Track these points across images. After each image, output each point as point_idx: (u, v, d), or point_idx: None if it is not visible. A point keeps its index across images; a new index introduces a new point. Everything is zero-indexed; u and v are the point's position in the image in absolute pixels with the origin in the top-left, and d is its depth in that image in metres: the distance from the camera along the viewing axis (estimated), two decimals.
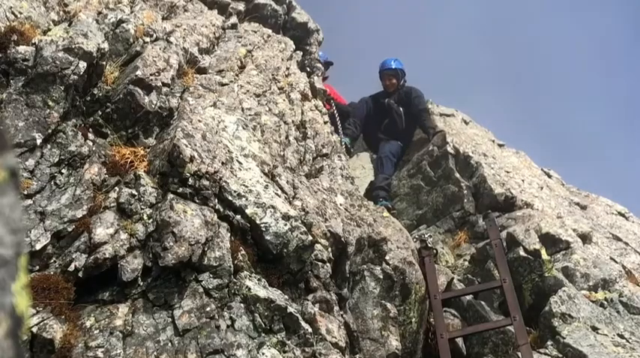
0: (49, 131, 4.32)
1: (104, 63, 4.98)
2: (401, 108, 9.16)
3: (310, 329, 4.24)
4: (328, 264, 4.74)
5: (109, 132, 4.82)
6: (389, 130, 9.08)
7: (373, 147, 9.34)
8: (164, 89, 5.17)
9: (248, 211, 4.48)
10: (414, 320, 5.49)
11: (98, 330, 3.72)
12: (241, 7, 8.56)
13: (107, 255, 3.94)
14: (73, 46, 4.61)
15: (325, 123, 6.85)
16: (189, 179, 4.37)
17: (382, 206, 6.96)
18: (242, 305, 4.06)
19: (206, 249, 4.12)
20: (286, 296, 4.31)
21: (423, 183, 8.48)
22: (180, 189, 4.34)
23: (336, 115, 8.98)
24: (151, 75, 5.07)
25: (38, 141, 4.23)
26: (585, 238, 7.24)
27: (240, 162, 4.90)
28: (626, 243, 8.00)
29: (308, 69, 8.79)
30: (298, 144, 6.05)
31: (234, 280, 4.16)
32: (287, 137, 5.94)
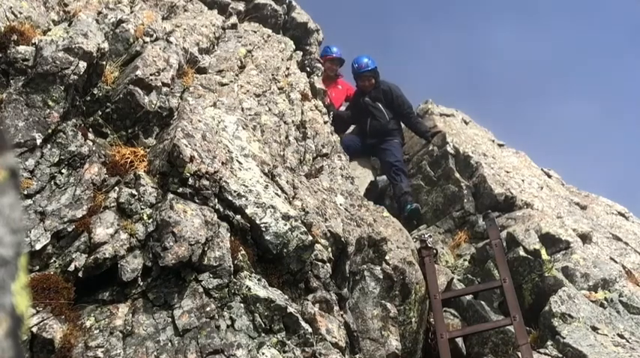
0: (49, 131, 4.32)
1: (104, 63, 4.98)
2: (379, 104, 8.85)
3: (310, 329, 4.24)
4: (328, 264, 4.74)
5: (109, 132, 4.82)
6: (376, 131, 8.71)
7: (366, 152, 8.90)
8: (164, 89, 5.17)
9: (248, 211, 4.48)
10: (414, 320, 5.49)
11: (98, 330, 3.72)
12: (241, 7, 8.57)
13: (107, 255, 3.94)
14: (73, 46, 4.60)
15: (325, 123, 6.85)
16: (189, 179, 4.37)
17: (413, 208, 7.57)
18: (242, 305, 4.06)
19: (206, 249, 4.12)
20: (286, 296, 4.31)
21: (423, 183, 8.49)
22: (180, 189, 4.34)
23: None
24: (150, 75, 5.07)
25: (38, 141, 4.23)
26: (585, 238, 7.24)
27: (240, 162, 4.90)
28: (626, 243, 8.00)
29: (308, 69, 8.81)
30: (298, 144, 6.05)
31: (234, 280, 4.16)
32: (287, 137, 5.94)
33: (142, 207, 4.25)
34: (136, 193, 4.30)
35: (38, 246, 3.88)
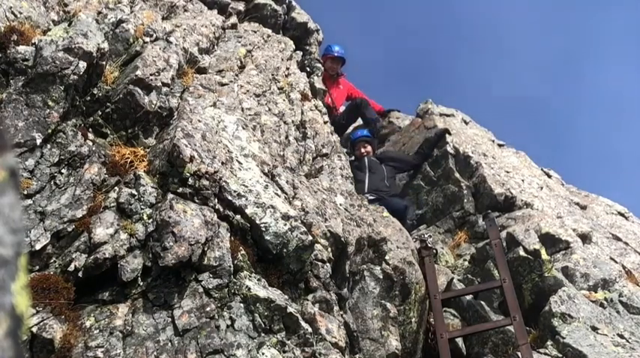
0: (49, 131, 4.32)
1: (104, 63, 4.98)
2: (383, 166, 8.11)
3: (310, 329, 4.24)
4: (328, 264, 4.74)
5: (109, 132, 4.82)
6: (375, 187, 7.72)
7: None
8: (164, 89, 5.17)
9: (248, 211, 4.48)
10: (413, 320, 5.49)
11: (98, 330, 3.72)
12: (241, 7, 8.57)
13: (107, 255, 3.94)
14: (73, 46, 4.60)
15: (325, 123, 6.85)
16: (189, 179, 4.37)
17: None
18: (242, 305, 4.06)
19: (206, 249, 4.12)
20: (286, 296, 4.31)
21: (423, 183, 8.48)
22: (180, 189, 4.34)
23: None
24: (150, 75, 5.07)
25: (38, 141, 4.23)
26: (585, 238, 7.24)
27: (240, 162, 4.90)
28: (626, 243, 8.00)
29: (308, 69, 8.80)
30: (298, 144, 6.05)
31: (234, 280, 4.16)
32: (287, 137, 5.94)
33: (142, 207, 4.25)
34: (136, 193, 4.30)
35: (38, 246, 3.88)
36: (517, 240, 6.44)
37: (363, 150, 8.47)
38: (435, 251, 6.35)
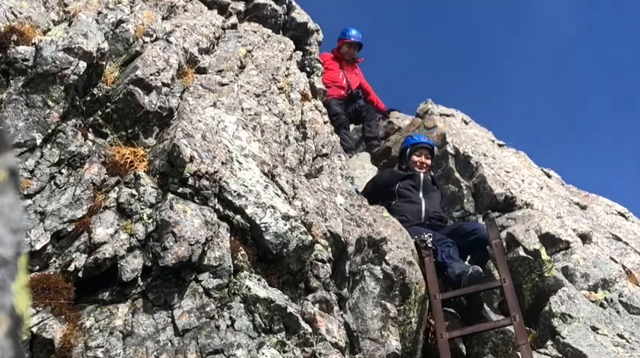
0: (49, 131, 4.32)
1: (104, 63, 4.98)
2: (437, 189, 6.94)
3: (310, 329, 4.24)
4: (328, 264, 4.74)
5: (109, 132, 4.81)
6: (434, 214, 6.60)
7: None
8: (164, 89, 5.17)
9: (248, 211, 4.48)
10: (413, 320, 5.48)
11: (98, 330, 3.72)
12: (241, 7, 8.57)
13: (107, 255, 3.93)
14: (73, 46, 4.60)
15: (325, 123, 6.85)
16: (189, 179, 4.37)
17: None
18: (242, 305, 4.06)
19: (206, 249, 4.12)
20: (286, 296, 4.31)
21: None
22: (180, 189, 4.34)
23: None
24: (150, 75, 5.07)
25: (38, 141, 4.23)
26: (585, 238, 7.25)
27: (240, 162, 4.90)
28: (626, 243, 8.00)
29: (308, 69, 8.81)
30: (298, 144, 6.05)
31: (234, 280, 4.16)
32: (287, 137, 5.94)
33: (142, 207, 4.25)
34: (136, 193, 4.30)
35: (38, 246, 3.87)
36: (517, 240, 6.45)
37: (424, 159, 7.11)
38: (435, 251, 6.34)
